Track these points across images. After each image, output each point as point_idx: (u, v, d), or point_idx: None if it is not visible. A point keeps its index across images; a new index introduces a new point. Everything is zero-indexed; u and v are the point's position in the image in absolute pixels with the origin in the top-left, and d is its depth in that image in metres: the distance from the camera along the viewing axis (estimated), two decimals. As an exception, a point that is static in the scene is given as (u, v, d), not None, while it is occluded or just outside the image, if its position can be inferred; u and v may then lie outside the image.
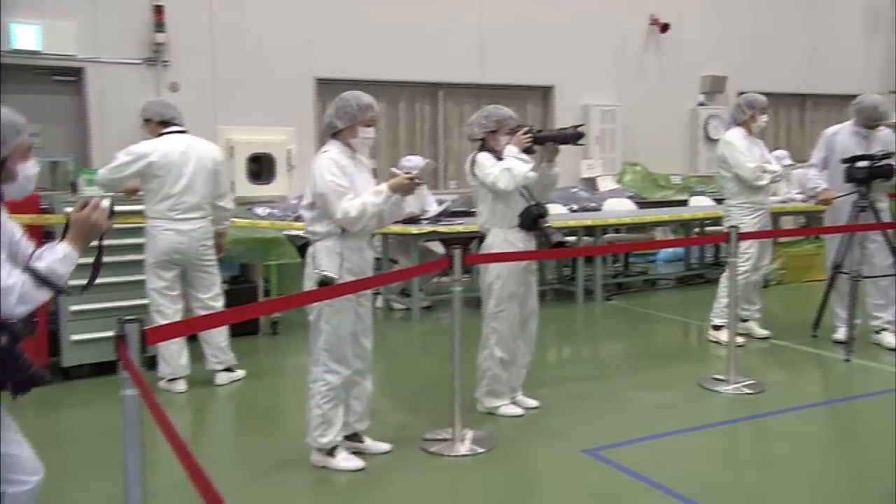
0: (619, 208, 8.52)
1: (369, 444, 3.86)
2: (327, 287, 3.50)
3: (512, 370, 4.43)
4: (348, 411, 3.75)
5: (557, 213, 7.93)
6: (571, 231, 7.53)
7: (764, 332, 5.98)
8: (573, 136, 4.37)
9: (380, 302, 7.21)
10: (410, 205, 7.06)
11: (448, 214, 7.05)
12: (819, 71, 11.44)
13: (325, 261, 3.59)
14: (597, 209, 8.49)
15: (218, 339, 5.04)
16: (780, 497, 3.44)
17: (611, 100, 9.98)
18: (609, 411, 4.54)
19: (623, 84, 10.10)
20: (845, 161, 5.56)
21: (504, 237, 4.32)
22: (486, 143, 4.37)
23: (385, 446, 3.88)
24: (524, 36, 9.44)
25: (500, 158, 4.25)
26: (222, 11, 8.09)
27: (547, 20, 9.54)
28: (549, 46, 9.55)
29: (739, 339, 5.75)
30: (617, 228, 8.07)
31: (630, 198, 9.01)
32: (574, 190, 9.12)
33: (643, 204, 9.03)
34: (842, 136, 5.78)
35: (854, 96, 5.90)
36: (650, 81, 10.29)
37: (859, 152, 5.57)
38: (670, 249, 9.13)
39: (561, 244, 4.35)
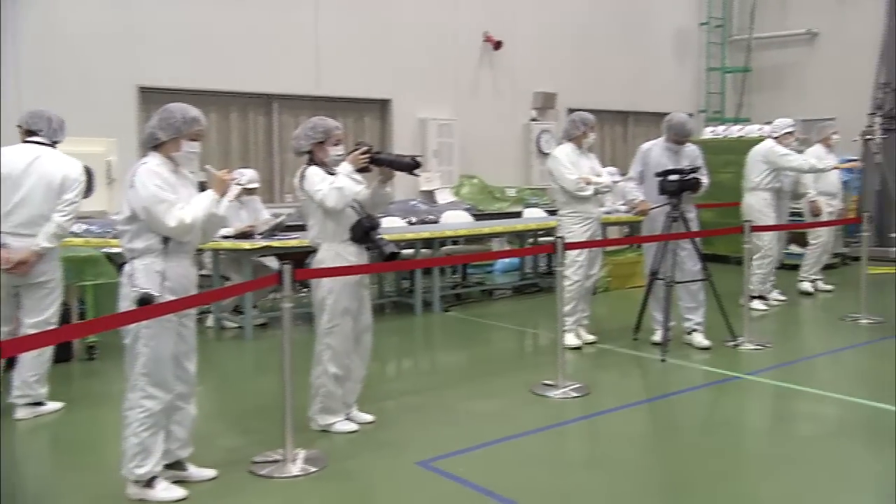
0: (457, 220, 8.69)
1: (193, 471, 3.66)
2: (146, 307, 3.30)
3: (346, 386, 4.38)
4: (169, 438, 3.54)
5: (396, 225, 7.98)
6: (410, 243, 7.59)
7: (591, 338, 6.28)
8: (409, 166, 4.41)
9: (210, 321, 6.91)
10: (243, 219, 6.86)
11: (283, 229, 6.88)
12: (639, 90, 12.30)
13: (143, 279, 3.39)
14: (435, 221, 8.61)
15: (25, 372, 4.60)
16: (603, 494, 3.62)
17: (447, 114, 10.20)
18: (443, 422, 4.58)
19: (459, 99, 10.36)
20: (658, 175, 5.96)
21: (336, 251, 4.27)
22: (314, 156, 4.30)
23: (210, 472, 3.70)
24: (361, 49, 9.46)
25: (329, 171, 4.19)
26: (31, 13, 7.49)
27: (384, 34, 9.63)
28: (387, 60, 9.63)
29: (573, 343, 6.05)
30: (455, 240, 8.22)
31: (467, 210, 9.22)
32: (412, 202, 9.20)
33: (480, 216, 9.27)
34: (655, 151, 6.21)
35: (681, 113, 6.35)
36: (485, 96, 10.62)
37: (670, 166, 6.00)
38: (507, 260, 9.42)
39: (394, 256, 4.36)
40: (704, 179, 6.07)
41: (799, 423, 4.64)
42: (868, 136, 10.86)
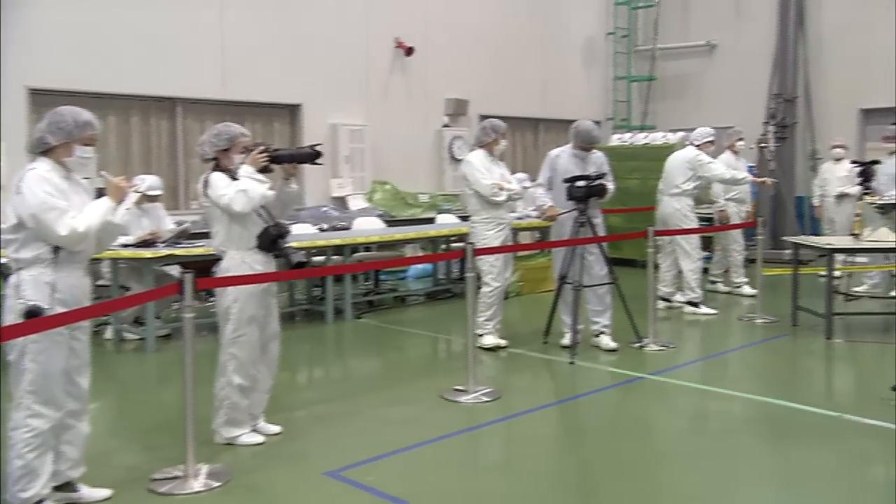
0: (369, 227, 8.64)
1: (85, 492, 3.49)
2: (34, 320, 3.12)
3: (253, 397, 4.27)
4: (59, 458, 3.36)
5: (307, 232, 7.86)
6: (321, 250, 7.49)
7: (503, 342, 6.34)
8: (310, 156, 4.33)
9: (109, 333, 6.62)
10: (144, 226, 6.61)
11: (188, 236, 6.67)
12: (549, 98, 12.55)
13: (31, 291, 3.21)
14: (347, 228, 8.53)
15: None
16: (514, 497, 3.64)
17: (359, 119, 10.13)
18: (353, 430, 4.53)
19: (371, 104, 10.31)
20: (566, 181, 6.08)
21: (241, 259, 4.17)
22: (220, 163, 4.19)
23: (104, 492, 3.53)
24: (270, 52, 9.28)
25: (234, 177, 4.09)
26: None
27: (293, 37, 9.48)
28: (296, 64, 9.48)
29: (494, 342, 6.09)
30: (367, 246, 8.15)
31: (380, 216, 9.17)
32: (324, 209, 9.09)
33: (393, 222, 9.24)
34: (563, 157, 6.33)
35: (588, 120, 6.49)
36: (397, 102, 10.61)
37: (578, 173, 6.13)
38: (420, 266, 9.42)
39: (302, 265, 4.29)
40: (610, 185, 6.22)
41: (700, 420, 4.81)
42: (763, 144, 11.41)
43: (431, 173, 11.01)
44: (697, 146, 7.66)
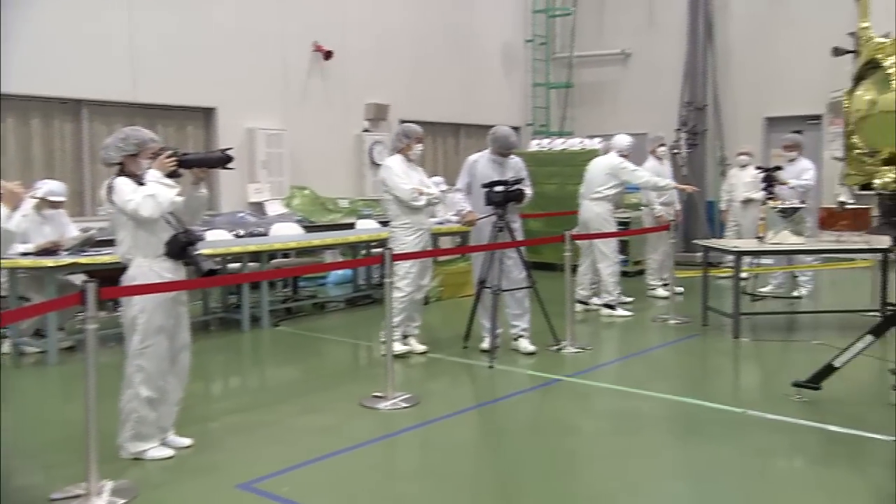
0: (287, 233, 8.49)
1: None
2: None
3: (162, 409, 4.12)
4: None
5: (222, 238, 7.66)
6: (237, 257, 7.31)
7: (422, 347, 6.33)
8: (220, 160, 4.21)
9: (7, 347, 6.28)
10: (46, 234, 6.31)
11: (93, 244, 6.40)
12: (470, 103, 12.65)
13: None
14: (264, 234, 8.36)
15: None
16: (430, 502, 3.62)
17: (277, 124, 9.97)
18: (269, 440, 4.42)
19: (289, 108, 10.15)
20: (485, 186, 6.13)
21: (149, 267, 4.02)
22: (125, 168, 4.04)
23: (-2, 516, 3.34)
24: (182, 53, 9.02)
25: (141, 183, 3.94)
26: None
27: (207, 39, 9.24)
28: (211, 67, 9.25)
29: (401, 349, 6.06)
30: (286, 253, 8.01)
31: (299, 222, 9.03)
32: (241, 215, 8.88)
33: (312, 228, 9.11)
34: (481, 163, 6.37)
35: (505, 126, 6.54)
36: (316, 106, 10.49)
37: (496, 178, 6.18)
38: (340, 272, 9.32)
39: (213, 272, 4.18)
40: (528, 190, 6.31)
41: (615, 420, 4.89)
42: (675, 151, 11.77)
43: (351, 178, 10.93)
44: (619, 153, 7.84)
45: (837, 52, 4.91)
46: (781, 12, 11.91)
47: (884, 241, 5.09)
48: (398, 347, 6.08)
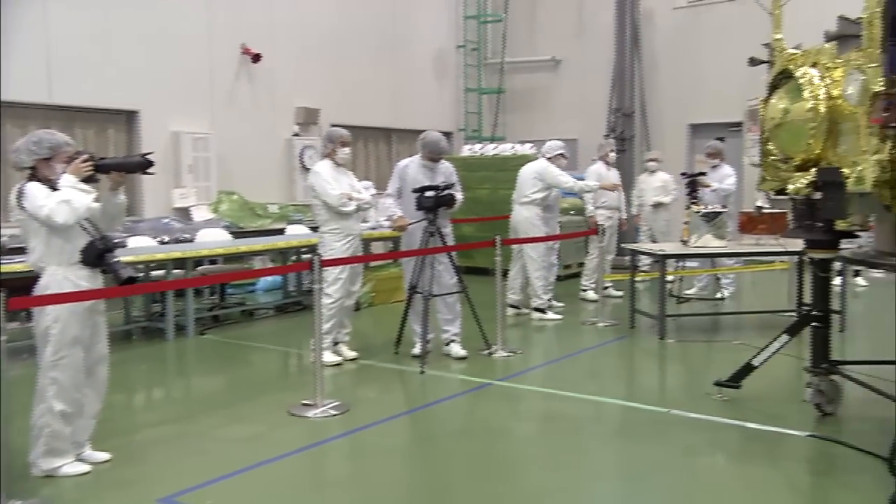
0: (214, 238, 8.29)
1: None
2: None
3: (77, 423, 3.96)
4: None
5: (145, 245, 7.44)
6: (161, 264, 7.10)
7: (353, 354, 6.27)
8: (140, 165, 4.08)
9: None
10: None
11: (5, 252, 6.12)
12: (402, 108, 12.63)
13: None
14: (190, 240, 8.14)
15: None
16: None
17: (203, 127, 9.74)
18: (193, 452, 4.30)
19: (216, 112, 9.93)
20: (415, 191, 6.13)
21: (63, 275, 3.86)
22: (38, 172, 3.88)
23: None
24: (103, 54, 8.71)
25: (54, 188, 3.79)
26: None
27: (129, 39, 8.95)
28: (133, 68, 8.96)
29: (333, 360, 6.01)
30: (213, 259, 7.82)
31: (227, 227, 8.84)
32: (165, 221, 8.63)
33: (240, 233, 8.93)
34: (412, 168, 6.36)
35: (436, 131, 6.54)
36: (244, 110, 10.30)
37: (427, 183, 6.18)
38: (270, 278, 9.16)
39: (132, 280, 4.04)
40: (459, 195, 6.32)
41: (545, 422, 4.95)
42: (597, 156, 11.99)
43: (281, 183, 10.76)
44: (549, 159, 7.94)
45: (753, 62, 5.08)
46: (704, 23, 12.31)
47: (798, 244, 5.27)
48: (330, 357, 6.01)
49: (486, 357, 6.29)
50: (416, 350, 6.19)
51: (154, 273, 7.37)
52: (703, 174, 8.53)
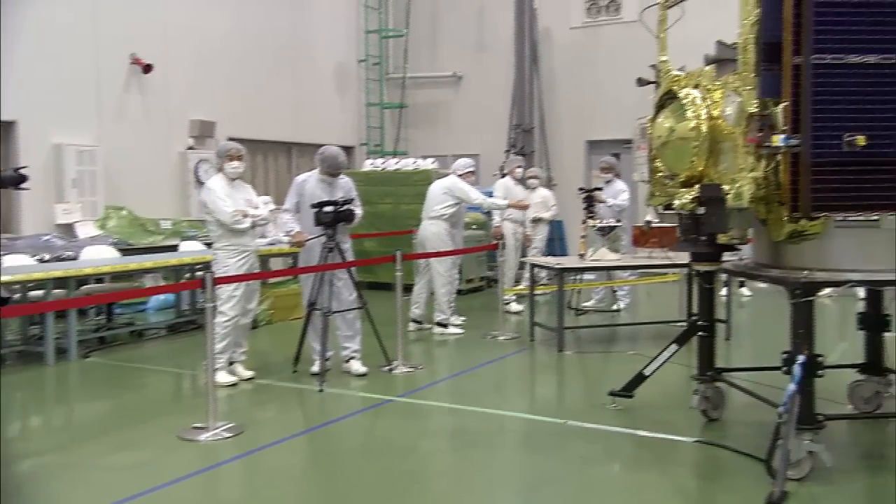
0: (100, 256, 7.89)
1: None
2: None
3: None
4: None
5: (23, 264, 7.00)
6: (40, 283, 6.69)
7: (249, 374, 6.08)
8: (12, 180, 3.85)
9: None
10: None
11: None
12: (303, 122, 12.45)
13: None
14: (74, 258, 7.72)
15: None
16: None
17: (89, 140, 9.28)
18: (72, 483, 4.06)
19: (103, 124, 9.50)
20: (314, 206, 6.03)
21: (-77, 298, 3.57)
22: None
23: None
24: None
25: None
26: None
27: (5, 45, 8.41)
28: (10, 77, 8.43)
29: (227, 380, 5.81)
30: (99, 278, 7.43)
31: (115, 244, 8.43)
32: (46, 238, 8.13)
33: (130, 250, 8.54)
34: (310, 183, 6.28)
35: (334, 146, 6.46)
36: (134, 122, 9.90)
37: (325, 198, 6.11)
38: (162, 297, 8.79)
39: (4, 302, 3.78)
40: (358, 210, 6.28)
41: (445, 437, 4.94)
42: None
43: (175, 198, 10.38)
44: (459, 175, 8.00)
45: (641, 82, 5.26)
46: (598, 42, 12.73)
47: (685, 257, 5.48)
48: (224, 377, 5.82)
49: (386, 373, 6.24)
50: (315, 368, 6.07)
51: (32, 293, 6.93)
52: (599, 189, 8.78)
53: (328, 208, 6.03)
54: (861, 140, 3.71)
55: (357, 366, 6.21)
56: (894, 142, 3.79)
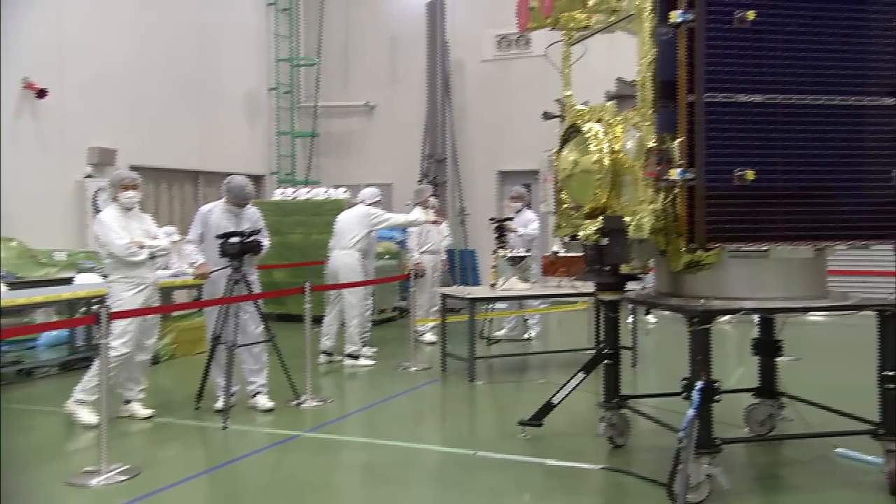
0: (-13, 290, 7.41)
1: None
2: None
3: None
4: None
5: None
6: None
7: (147, 412, 5.81)
8: None
9: None
10: None
11: None
12: (211, 150, 12.15)
13: None
14: (-44, 292, 7.22)
15: None
16: None
17: (-24, 167, 8.78)
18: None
19: (-8, 150, 9.00)
20: (219, 237, 5.88)
21: None
22: None
23: None
24: None
25: None
26: None
27: None
28: None
29: (90, 421, 5.49)
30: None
31: (2, 278, 7.94)
32: (-74, 271, 7.63)
33: (18, 284, 8.05)
34: (215, 213, 6.12)
35: (243, 175, 6.33)
36: (26, 149, 9.40)
37: (231, 229, 5.97)
38: (53, 333, 8.31)
39: None
40: (265, 241, 6.17)
41: (354, 472, 4.84)
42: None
43: (72, 228, 9.89)
44: (369, 204, 7.97)
45: (546, 116, 5.38)
46: (508, 75, 12.98)
47: (591, 286, 5.58)
48: (88, 419, 5.51)
49: (294, 408, 6.09)
50: (219, 404, 5.85)
51: None
52: (510, 219, 8.90)
53: (234, 239, 5.92)
54: (750, 174, 3.90)
55: (263, 401, 6.04)
56: (780, 176, 4.00)
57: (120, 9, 10.63)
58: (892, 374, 4.10)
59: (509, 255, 7.76)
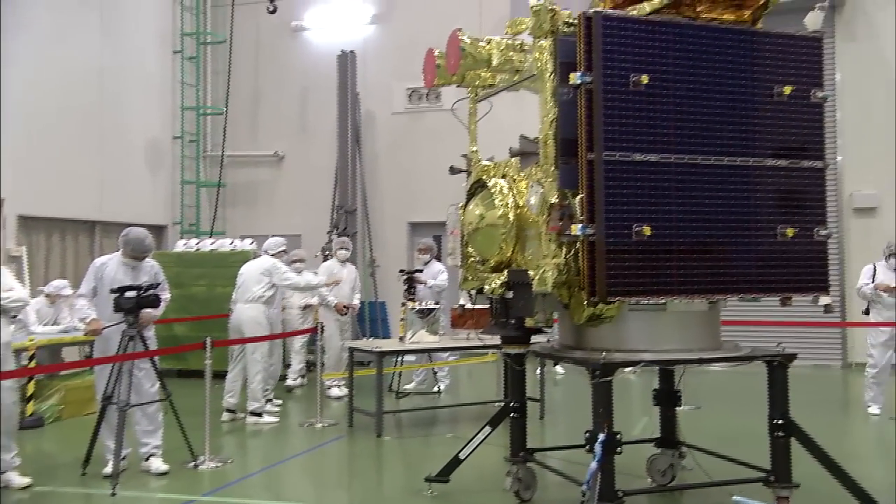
0: None
1: None
2: None
3: None
4: None
5: None
6: None
7: (24, 481, 5.38)
8: None
9: None
10: None
11: None
12: (110, 199, 11.67)
13: None
14: None
15: None
16: None
17: None
18: None
19: None
20: (113, 291, 5.62)
21: None
22: None
23: None
24: None
25: None
26: None
27: None
28: None
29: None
30: None
31: None
32: None
33: None
34: (110, 266, 5.87)
35: (143, 225, 6.09)
36: None
37: (128, 282, 5.72)
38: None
39: None
40: (165, 295, 5.94)
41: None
42: (328, 253, 12.06)
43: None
44: (272, 255, 7.80)
45: (453, 170, 5.44)
46: (419, 128, 13.13)
47: (497, 339, 5.60)
48: None
49: (191, 469, 5.79)
50: (108, 469, 5.52)
51: None
52: (419, 271, 8.90)
53: (129, 294, 5.65)
54: (647, 230, 4.03)
55: (157, 463, 5.72)
56: (676, 232, 4.14)
57: (13, 40, 10.09)
58: (780, 422, 4.25)
59: (418, 307, 7.73)
